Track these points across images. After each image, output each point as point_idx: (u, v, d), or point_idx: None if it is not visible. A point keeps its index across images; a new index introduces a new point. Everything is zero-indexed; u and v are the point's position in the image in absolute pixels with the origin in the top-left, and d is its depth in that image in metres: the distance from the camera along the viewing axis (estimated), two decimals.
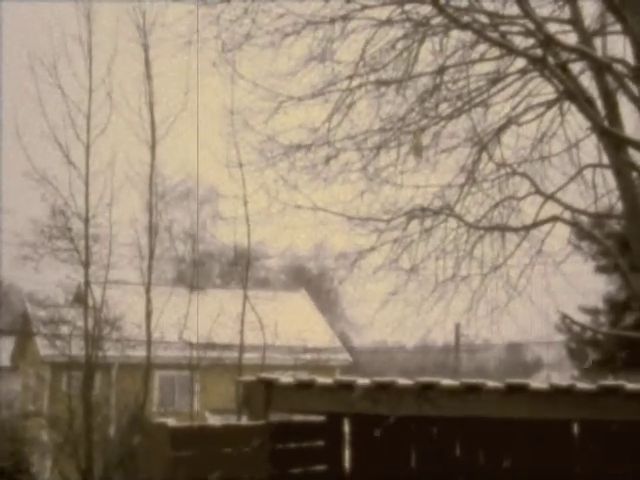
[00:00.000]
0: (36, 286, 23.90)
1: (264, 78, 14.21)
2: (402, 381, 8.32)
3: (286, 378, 8.80)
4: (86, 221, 20.75)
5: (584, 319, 22.20)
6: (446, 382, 8.22)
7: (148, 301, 21.34)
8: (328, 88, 14.01)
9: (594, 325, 22.13)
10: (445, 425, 9.39)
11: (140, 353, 22.20)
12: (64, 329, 21.77)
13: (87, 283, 20.95)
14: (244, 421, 8.90)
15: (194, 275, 27.27)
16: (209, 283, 33.99)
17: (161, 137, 21.62)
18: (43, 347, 25.30)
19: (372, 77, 13.96)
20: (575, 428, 9.10)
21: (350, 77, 13.92)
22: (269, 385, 8.71)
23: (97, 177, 21.01)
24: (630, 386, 7.55)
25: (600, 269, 21.76)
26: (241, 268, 24.18)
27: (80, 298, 22.29)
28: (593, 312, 22.88)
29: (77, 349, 21.25)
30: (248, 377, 8.99)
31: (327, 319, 38.45)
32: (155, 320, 21.51)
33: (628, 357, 18.81)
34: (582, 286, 17.48)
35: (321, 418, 9.43)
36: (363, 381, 8.47)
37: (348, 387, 8.45)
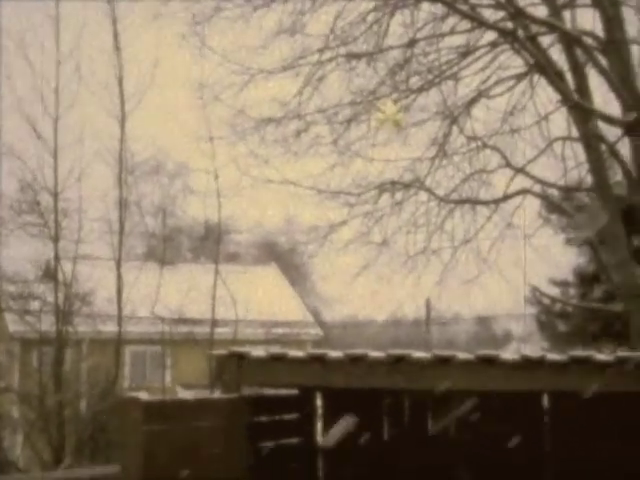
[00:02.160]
0: (5, 261, 23.74)
1: (234, 51, 14.17)
2: (374, 353, 8.33)
3: (258, 351, 8.79)
4: (55, 196, 20.61)
5: (554, 292, 22.37)
6: (418, 354, 8.24)
7: (119, 276, 21.26)
8: (299, 61, 13.99)
9: (564, 297, 22.29)
10: (417, 397, 9.43)
11: (111, 328, 22.13)
12: (34, 304, 21.66)
13: (57, 258, 20.83)
14: (217, 395, 8.88)
15: (165, 250, 27.16)
16: (179, 258, 33.85)
17: (130, 111, 21.50)
18: (12, 323, 25.15)
19: (343, 50, 13.95)
20: (545, 400, 9.17)
21: (321, 50, 13.89)
22: (241, 358, 8.70)
23: (66, 151, 20.88)
24: (600, 356, 7.61)
25: (570, 242, 21.88)
26: (212, 242, 24.14)
27: (50, 273, 22.17)
28: (563, 285, 23.03)
29: (47, 324, 21.16)
30: (220, 351, 8.97)
31: (298, 293, 38.46)
32: (126, 295, 21.45)
33: (597, 329, 18.97)
34: (552, 259, 17.58)
35: (294, 391, 9.44)
36: (335, 354, 8.48)
37: (320, 360, 8.46)
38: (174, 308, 24.46)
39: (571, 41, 12.96)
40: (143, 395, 7.79)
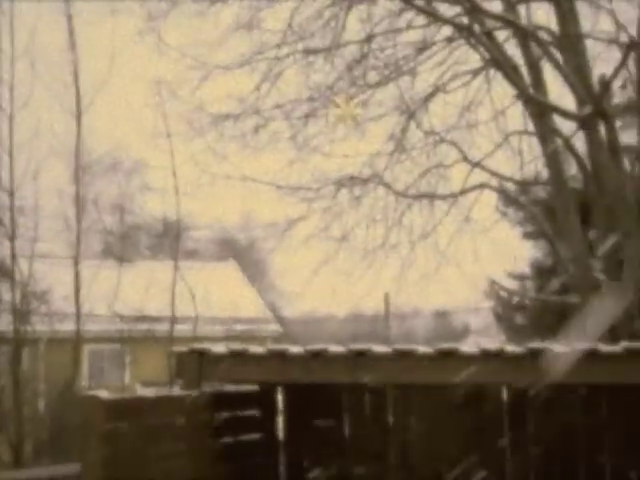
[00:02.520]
0: None
1: (191, 47, 14.12)
2: (334, 348, 8.36)
3: (219, 348, 8.79)
4: (11, 194, 20.45)
5: (511, 285, 22.56)
6: (378, 348, 8.29)
7: (77, 274, 21.14)
8: (256, 57, 13.98)
9: (521, 290, 22.49)
10: (378, 392, 9.48)
11: (69, 327, 21.99)
12: None
13: (13, 256, 20.67)
14: (177, 392, 8.87)
15: (123, 247, 27.04)
16: (137, 255, 33.72)
17: (86, 107, 21.37)
18: None
19: (300, 46, 13.96)
20: (504, 393, 9.25)
21: (278, 46, 13.89)
22: (202, 355, 8.71)
23: (22, 148, 20.73)
24: (558, 348, 7.69)
25: (527, 235, 22.09)
26: (170, 239, 24.07)
27: (5, 272, 21.99)
28: (520, 278, 23.25)
29: (4, 324, 20.99)
30: (181, 348, 8.97)
31: (257, 289, 38.42)
32: (84, 293, 21.33)
33: (554, 321, 19.12)
34: (509, 252, 17.73)
35: (254, 387, 9.45)
36: (295, 349, 8.51)
37: (281, 356, 8.48)
38: (133, 306, 24.34)
39: (526, 36, 13.06)
40: (103, 393, 7.77)
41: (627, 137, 14.17)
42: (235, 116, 14.31)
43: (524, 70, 13.32)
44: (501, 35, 13.62)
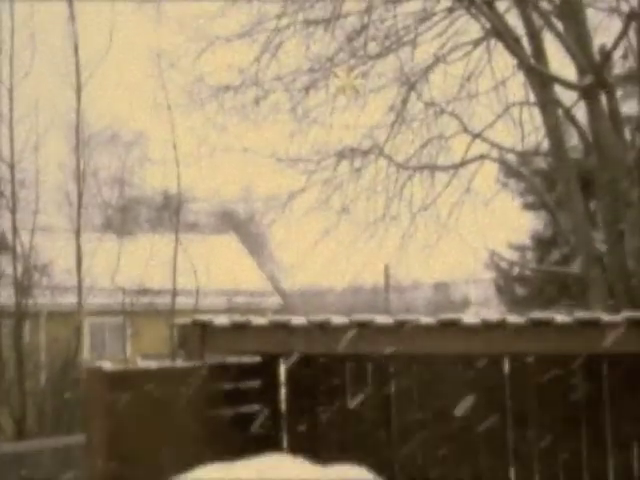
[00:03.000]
0: None
1: (191, 18, 14.06)
2: (337, 319, 8.39)
3: (221, 319, 8.82)
4: (12, 166, 20.43)
5: (512, 256, 22.56)
6: (380, 319, 8.31)
7: (78, 247, 21.13)
8: (256, 28, 13.91)
9: (521, 261, 22.50)
10: (379, 363, 9.51)
11: (70, 300, 22.02)
12: None
13: (15, 229, 20.66)
14: (180, 363, 8.90)
15: (123, 220, 27.04)
16: (137, 228, 33.76)
17: (86, 80, 21.31)
18: None
19: (300, 17, 13.88)
20: (506, 363, 9.28)
21: (278, 17, 13.82)
22: (204, 327, 8.74)
23: (22, 121, 20.69)
24: (559, 318, 7.72)
25: (527, 206, 22.08)
26: (170, 212, 24.07)
27: (6, 245, 22.00)
28: (520, 249, 23.25)
29: (5, 296, 21.02)
30: (183, 319, 8.99)
31: (256, 262, 38.46)
32: (85, 266, 21.34)
33: (555, 292, 19.18)
34: (510, 223, 17.73)
35: (257, 359, 9.49)
36: (298, 320, 8.53)
37: (283, 327, 8.51)
38: (134, 279, 24.38)
39: (527, 6, 12.99)
40: (107, 364, 7.80)
41: (628, 107, 14.16)
42: (235, 88, 14.26)
43: (525, 40, 13.25)
44: (502, 5, 13.55)
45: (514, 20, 13.52)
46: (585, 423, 8.82)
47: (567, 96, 13.44)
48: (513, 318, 7.97)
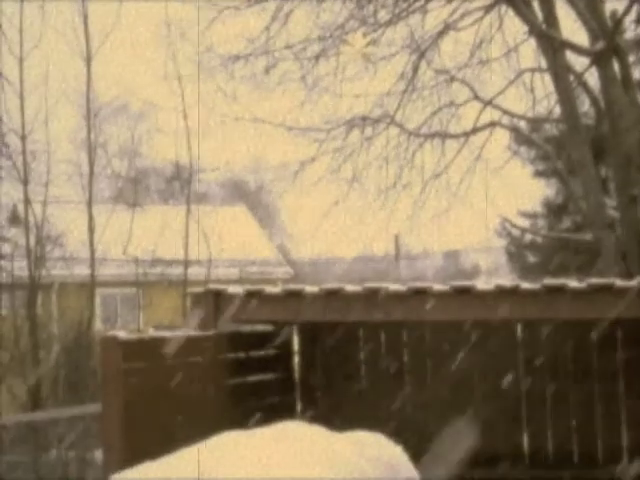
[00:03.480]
0: None
1: None
2: (350, 287, 8.38)
3: (234, 288, 8.82)
4: (23, 137, 20.42)
5: (523, 223, 22.51)
6: (393, 287, 8.30)
7: (90, 218, 21.17)
8: None
9: (533, 229, 22.45)
10: (392, 331, 9.53)
11: (83, 271, 22.09)
12: (5, 248, 21.56)
13: (27, 200, 20.70)
14: (194, 332, 8.92)
15: (133, 191, 27.05)
16: (148, 199, 33.77)
17: (96, 51, 21.27)
18: None
19: None
20: (519, 329, 9.30)
21: None
22: (217, 295, 8.74)
23: (32, 92, 20.69)
24: (573, 284, 7.71)
25: (538, 173, 22.00)
26: (181, 183, 24.07)
27: (17, 216, 22.05)
28: (532, 216, 23.19)
29: (18, 268, 21.09)
30: (197, 289, 9.01)
31: (267, 233, 38.47)
32: (97, 237, 21.38)
33: (567, 259, 19.14)
34: (521, 191, 17.69)
35: (270, 328, 9.51)
36: (311, 289, 8.53)
37: (297, 295, 8.51)
38: (146, 250, 24.40)
39: None
40: (121, 333, 7.81)
41: None
42: (245, 57, 14.21)
43: (536, 6, 13.17)
44: None
45: None
46: (598, 390, 8.84)
47: (579, 62, 13.39)
48: (527, 284, 7.96)
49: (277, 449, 5.82)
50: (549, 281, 7.89)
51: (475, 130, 14.41)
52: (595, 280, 7.87)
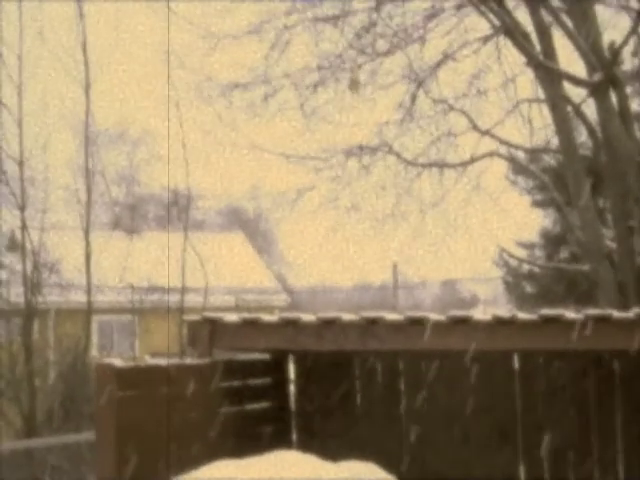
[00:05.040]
0: None
1: (199, 16, 14.08)
2: (347, 316, 8.36)
3: (230, 316, 8.80)
4: (20, 164, 20.44)
5: (521, 253, 22.52)
6: (390, 316, 8.28)
7: (87, 244, 21.15)
8: (265, 25, 13.91)
9: (530, 259, 22.45)
10: (389, 360, 9.49)
11: (79, 298, 22.04)
12: (1, 274, 21.53)
13: (24, 227, 20.68)
14: (189, 360, 8.89)
15: (131, 218, 27.05)
16: (145, 226, 33.78)
17: (95, 77, 21.34)
18: None
19: (309, 14, 13.89)
20: (516, 360, 9.26)
21: (287, 14, 13.82)
22: (214, 324, 8.72)
23: (30, 119, 20.73)
24: (570, 315, 7.69)
25: (536, 203, 22.05)
26: (178, 210, 24.06)
27: (15, 243, 22.03)
28: (529, 246, 23.22)
29: (14, 294, 21.05)
30: (193, 316, 8.98)
31: (264, 260, 38.47)
32: (94, 264, 21.36)
33: (564, 290, 19.15)
34: (519, 221, 17.72)
35: (266, 356, 9.48)
36: (307, 317, 8.51)
37: (293, 323, 8.49)
38: (143, 277, 24.37)
39: (536, 2, 12.96)
40: (117, 361, 7.79)
41: (638, 104, 14.12)
42: (244, 85, 14.27)
43: (534, 37, 13.23)
44: (511, 2, 13.54)
45: (523, 16, 13.51)
46: (596, 420, 8.80)
47: (576, 93, 13.44)
48: (524, 315, 7.94)
49: (271, 479, 5.78)
50: (546, 311, 7.87)
51: (473, 160, 14.46)
52: (592, 311, 7.84)
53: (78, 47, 21.18)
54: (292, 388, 9.89)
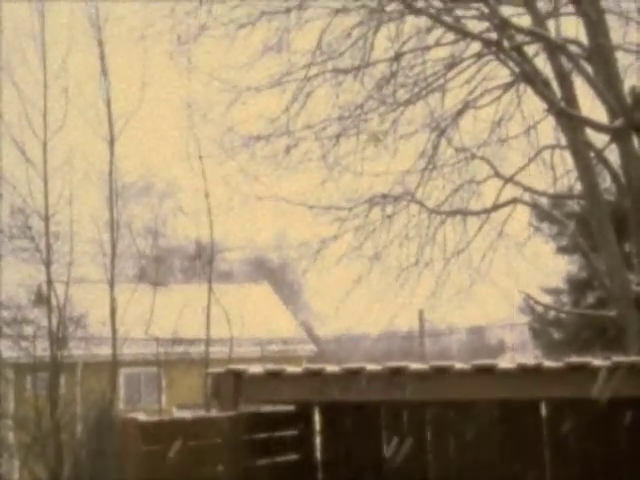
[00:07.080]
0: None
1: (221, 70, 14.22)
2: (371, 367, 8.33)
3: (255, 368, 8.78)
4: (46, 219, 20.61)
5: (546, 300, 22.37)
6: (415, 366, 8.24)
7: (112, 298, 21.23)
8: (286, 78, 14.02)
9: (556, 305, 22.30)
10: (415, 410, 9.43)
11: (105, 351, 22.09)
12: (28, 329, 21.61)
13: (49, 282, 20.80)
14: (214, 413, 8.87)
15: (157, 271, 27.15)
16: (171, 278, 33.91)
17: (119, 132, 21.54)
18: (5, 349, 25.09)
19: (329, 65, 13.99)
20: (543, 408, 9.17)
21: (307, 66, 13.93)
22: (238, 376, 8.69)
23: (55, 174, 20.92)
24: (597, 362, 7.62)
25: (561, 249, 21.94)
26: (203, 262, 24.14)
27: (42, 297, 22.13)
28: (555, 292, 23.05)
29: (40, 349, 21.11)
30: (217, 369, 8.97)
31: (290, 310, 38.45)
32: (120, 317, 21.41)
33: (591, 336, 18.99)
34: (544, 267, 17.63)
35: (291, 408, 9.43)
36: (332, 368, 8.48)
37: (318, 375, 8.46)
38: (168, 329, 24.41)
39: (556, 49, 13.01)
40: (141, 416, 7.77)
41: None
42: (266, 137, 14.35)
43: (555, 84, 13.26)
44: (530, 50, 13.60)
45: (543, 64, 13.55)
46: (626, 469, 8.68)
47: (599, 138, 13.42)
48: (549, 363, 7.87)
49: None
50: (572, 359, 7.80)
51: (496, 207, 14.43)
52: (620, 358, 7.78)
53: (102, 102, 21.42)
54: (318, 439, 9.82)
